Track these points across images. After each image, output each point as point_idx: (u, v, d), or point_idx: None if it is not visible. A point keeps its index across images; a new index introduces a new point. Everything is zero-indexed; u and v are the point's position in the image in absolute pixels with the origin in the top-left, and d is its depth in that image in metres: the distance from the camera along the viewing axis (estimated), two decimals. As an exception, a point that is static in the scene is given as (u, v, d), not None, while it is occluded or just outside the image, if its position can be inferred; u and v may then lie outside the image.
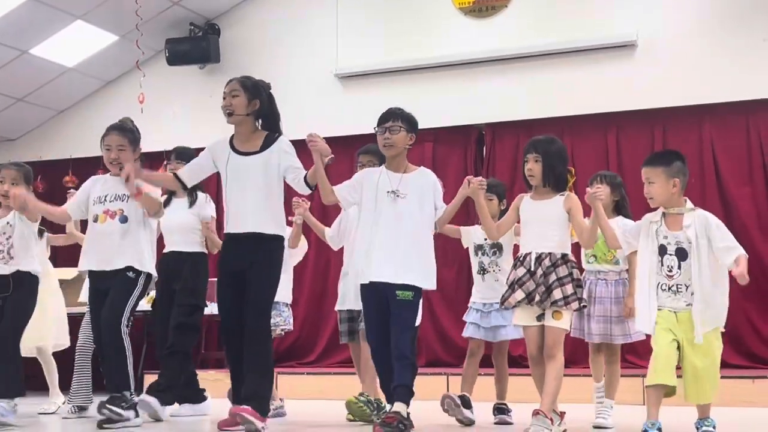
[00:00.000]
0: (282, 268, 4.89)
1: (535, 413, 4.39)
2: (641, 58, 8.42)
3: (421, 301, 4.81)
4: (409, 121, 4.80)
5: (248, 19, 9.84)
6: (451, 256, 8.06)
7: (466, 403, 5.33)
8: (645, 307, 4.40)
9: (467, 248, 5.60)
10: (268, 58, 9.64)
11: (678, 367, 4.35)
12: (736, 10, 8.18)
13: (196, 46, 9.64)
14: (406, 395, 4.55)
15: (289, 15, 9.64)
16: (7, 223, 5.34)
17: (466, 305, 5.60)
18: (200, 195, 5.93)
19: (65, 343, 6.82)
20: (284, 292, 5.81)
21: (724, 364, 7.64)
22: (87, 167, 10.19)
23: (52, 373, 6.62)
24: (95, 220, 5.05)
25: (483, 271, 5.44)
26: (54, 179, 10.33)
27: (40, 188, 10.22)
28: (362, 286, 4.75)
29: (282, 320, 5.95)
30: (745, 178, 8.15)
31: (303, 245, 6.09)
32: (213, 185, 7.35)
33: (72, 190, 5.68)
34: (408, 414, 4.53)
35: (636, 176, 8.14)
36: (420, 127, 4.92)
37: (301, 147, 4.89)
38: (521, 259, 4.64)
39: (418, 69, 9.07)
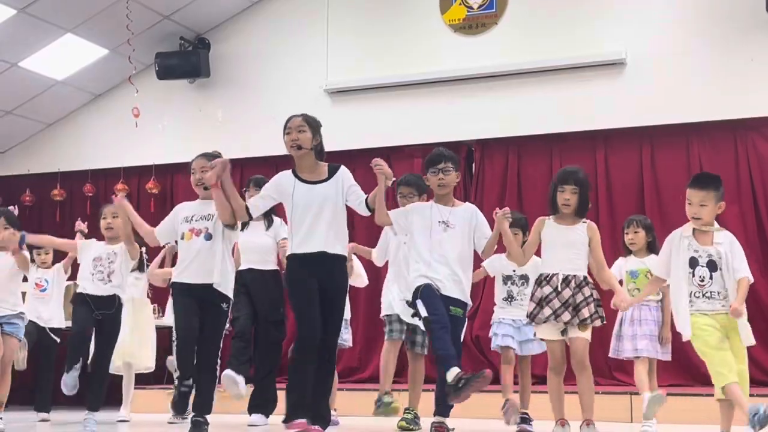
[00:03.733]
0: None
1: (588, 422, 4.96)
2: (630, 76, 8.45)
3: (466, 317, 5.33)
4: (457, 161, 5.37)
5: (238, 33, 9.84)
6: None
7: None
8: (683, 313, 4.69)
9: (493, 277, 6.07)
10: (258, 73, 9.66)
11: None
12: (725, 29, 8.23)
13: (186, 61, 9.63)
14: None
15: (280, 30, 9.65)
16: (113, 251, 6.20)
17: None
18: (275, 219, 6.57)
19: (151, 366, 7.57)
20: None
21: (707, 382, 7.67)
22: (75, 180, 10.19)
23: (130, 387, 7.40)
24: (182, 238, 5.43)
25: (511, 299, 5.90)
26: (42, 192, 10.31)
27: (28, 201, 10.24)
28: (421, 285, 5.09)
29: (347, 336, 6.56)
30: (732, 197, 8.14)
31: (360, 279, 6.62)
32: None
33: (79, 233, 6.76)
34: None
35: (624, 193, 8.32)
36: (409, 143, 5.01)
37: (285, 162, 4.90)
38: (547, 278, 5.07)
39: (407, 85, 9.09)
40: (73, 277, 7.70)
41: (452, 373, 4.73)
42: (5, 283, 6.29)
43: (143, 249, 7.37)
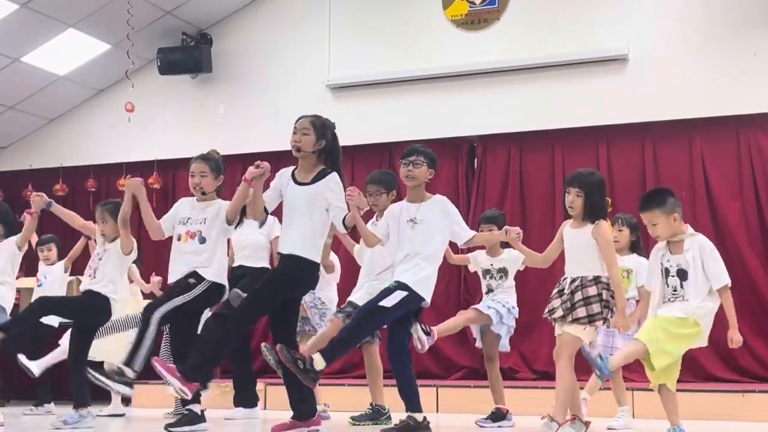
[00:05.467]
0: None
1: (547, 415, 4.94)
2: (632, 72, 8.44)
3: (402, 296, 5.03)
4: (431, 158, 5.33)
5: (240, 29, 9.83)
6: (440, 270, 8.02)
7: (502, 417, 5.92)
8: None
9: (474, 271, 6.16)
10: (260, 69, 9.65)
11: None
12: (727, 25, 8.22)
13: (188, 56, 9.63)
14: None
15: (282, 26, 9.64)
16: (104, 249, 5.99)
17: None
18: (269, 217, 6.37)
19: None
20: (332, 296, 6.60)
21: (715, 379, 7.69)
22: (77, 176, 10.20)
23: None
24: (178, 239, 5.47)
25: (490, 291, 5.97)
26: (44, 188, 10.23)
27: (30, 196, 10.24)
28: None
29: None
30: (735, 193, 8.16)
31: (337, 269, 6.60)
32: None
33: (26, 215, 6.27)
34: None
35: (626, 189, 8.32)
36: (411, 138, 5.00)
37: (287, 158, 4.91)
38: (560, 281, 5.06)
39: (409, 81, 9.08)
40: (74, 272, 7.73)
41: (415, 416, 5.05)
42: None
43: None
